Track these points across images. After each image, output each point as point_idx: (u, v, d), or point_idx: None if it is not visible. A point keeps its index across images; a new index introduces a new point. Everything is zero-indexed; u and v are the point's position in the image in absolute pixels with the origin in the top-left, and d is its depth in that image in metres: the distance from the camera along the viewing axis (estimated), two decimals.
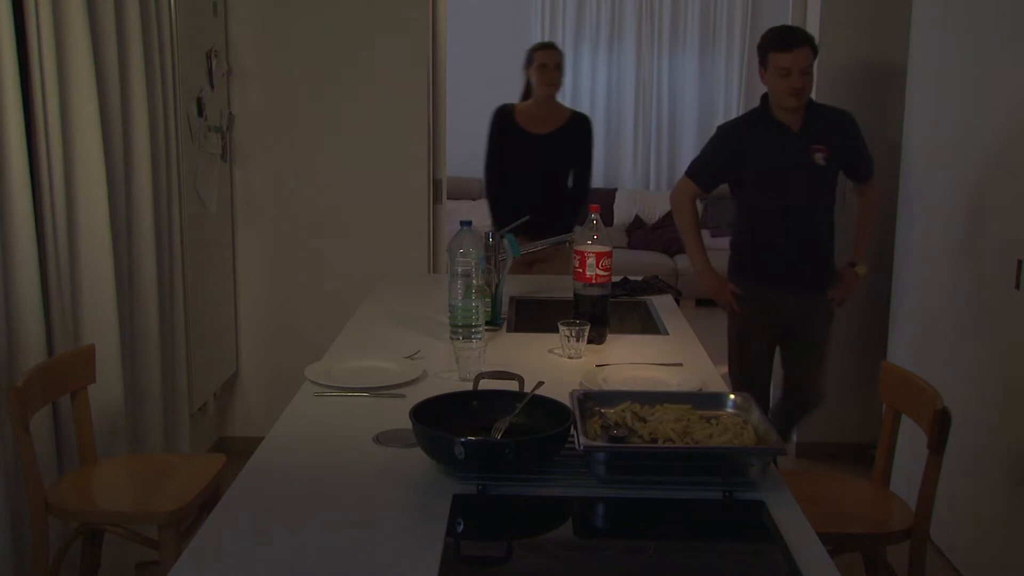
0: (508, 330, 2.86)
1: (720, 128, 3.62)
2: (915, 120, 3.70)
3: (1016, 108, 2.95)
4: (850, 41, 4.05)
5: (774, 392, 3.87)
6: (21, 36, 2.75)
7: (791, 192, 3.45)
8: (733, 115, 8.09)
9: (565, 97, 8.39)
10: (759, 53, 3.43)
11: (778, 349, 3.69)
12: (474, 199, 7.73)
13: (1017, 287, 2.90)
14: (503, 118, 4.33)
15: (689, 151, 8.10)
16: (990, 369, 3.08)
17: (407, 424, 1.82)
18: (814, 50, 3.35)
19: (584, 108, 8.17)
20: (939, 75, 3.47)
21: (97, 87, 2.97)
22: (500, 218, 4.33)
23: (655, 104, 8.06)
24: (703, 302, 7.14)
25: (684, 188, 3.60)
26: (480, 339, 2.45)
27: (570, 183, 4.37)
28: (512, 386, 2.01)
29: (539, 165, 4.29)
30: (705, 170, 3.58)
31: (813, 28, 4.13)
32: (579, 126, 4.33)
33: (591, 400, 1.96)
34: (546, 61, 4.22)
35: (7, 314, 2.71)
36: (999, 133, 3.03)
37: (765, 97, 3.48)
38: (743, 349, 3.64)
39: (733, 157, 3.50)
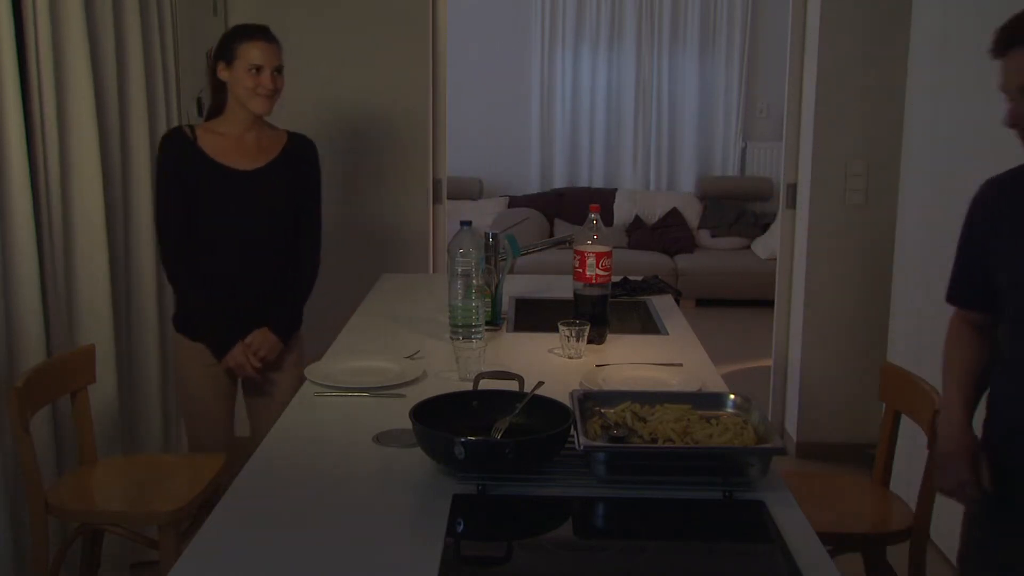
0: (508, 330, 2.86)
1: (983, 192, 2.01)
2: (915, 120, 3.70)
3: None
4: (850, 42, 4.04)
5: None
6: (19, 37, 2.75)
7: None
8: (733, 116, 8.03)
9: (565, 97, 8.52)
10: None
11: None
12: (474, 199, 7.72)
13: None
14: (180, 148, 2.73)
15: (689, 151, 8.08)
16: None
17: (407, 424, 1.82)
18: None
19: (584, 108, 8.10)
20: (939, 75, 3.47)
21: (95, 88, 2.97)
22: (192, 311, 2.80)
23: (655, 104, 8.05)
24: (703, 302, 7.14)
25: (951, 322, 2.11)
26: (480, 339, 2.45)
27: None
28: (512, 386, 2.02)
29: (246, 219, 2.77)
30: (966, 278, 2.10)
31: (813, 28, 4.12)
32: (302, 156, 2.88)
33: (591, 400, 1.96)
34: (262, 61, 2.70)
35: (7, 314, 2.71)
36: (999, 133, 3.02)
37: None
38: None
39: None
